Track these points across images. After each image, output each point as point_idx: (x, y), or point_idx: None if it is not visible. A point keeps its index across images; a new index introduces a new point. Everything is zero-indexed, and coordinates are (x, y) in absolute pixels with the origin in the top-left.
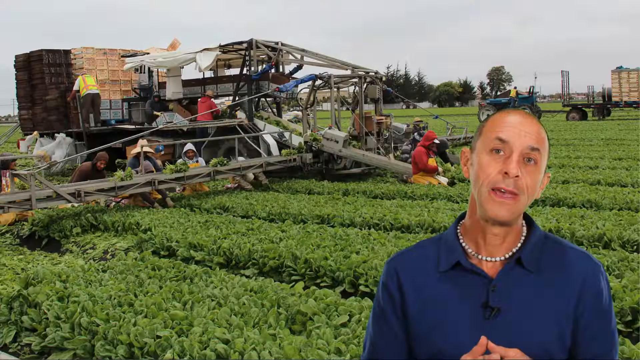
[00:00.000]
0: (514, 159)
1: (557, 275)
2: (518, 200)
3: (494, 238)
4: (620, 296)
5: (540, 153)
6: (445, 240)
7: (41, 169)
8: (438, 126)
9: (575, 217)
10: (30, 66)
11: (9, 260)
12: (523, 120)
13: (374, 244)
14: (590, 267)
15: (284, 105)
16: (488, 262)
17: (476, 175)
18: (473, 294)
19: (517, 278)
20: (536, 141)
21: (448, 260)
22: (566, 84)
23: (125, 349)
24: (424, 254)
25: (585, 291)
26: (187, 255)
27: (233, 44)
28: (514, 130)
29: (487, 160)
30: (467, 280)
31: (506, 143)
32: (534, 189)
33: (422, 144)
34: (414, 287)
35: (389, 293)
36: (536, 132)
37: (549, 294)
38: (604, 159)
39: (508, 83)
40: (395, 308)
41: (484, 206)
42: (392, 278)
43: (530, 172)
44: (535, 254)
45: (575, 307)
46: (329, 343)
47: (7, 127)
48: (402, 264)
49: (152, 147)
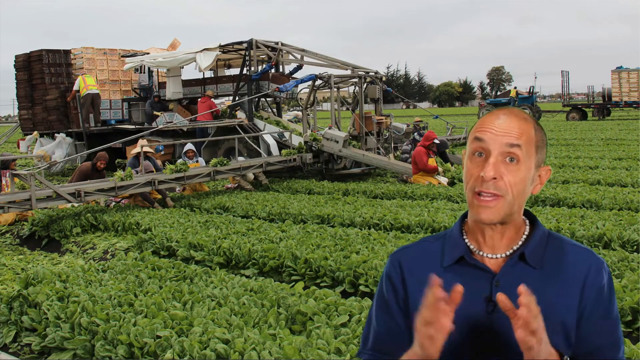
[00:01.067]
0: (491, 161)
1: (560, 271)
2: (502, 201)
3: (491, 234)
4: (620, 296)
5: (522, 149)
6: (449, 237)
7: (41, 169)
8: (438, 126)
9: (575, 217)
10: (30, 66)
11: (9, 260)
12: (502, 120)
13: (374, 244)
14: (594, 263)
15: (284, 105)
16: (490, 258)
17: (464, 179)
18: (476, 289)
19: (520, 274)
20: (516, 137)
21: (452, 255)
22: (566, 84)
23: (125, 349)
24: (427, 249)
25: (588, 286)
26: (187, 255)
27: (233, 44)
28: (493, 130)
29: (470, 164)
30: (471, 275)
31: (484, 143)
32: (520, 187)
33: (422, 144)
34: (417, 281)
35: (393, 285)
36: (516, 128)
37: (553, 289)
38: (604, 159)
39: (508, 83)
40: (398, 300)
41: (470, 210)
42: (396, 270)
43: (512, 170)
44: (539, 250)
45: (578, 302)
46: (329, 343)
47: (7, 127)
48: (406, 257)
49: (152, 147)
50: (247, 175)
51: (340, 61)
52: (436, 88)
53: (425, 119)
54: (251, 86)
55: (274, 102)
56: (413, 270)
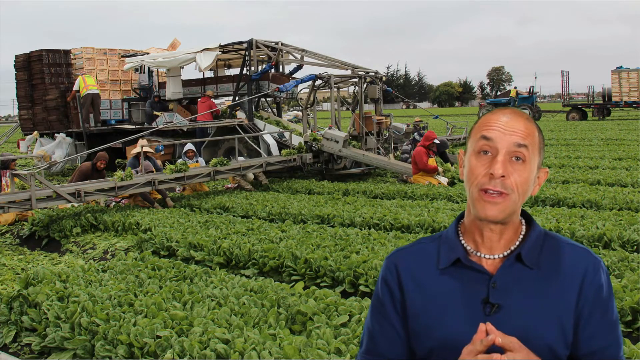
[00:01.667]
0: (499, 159)
1: (557, 271)
2: (508, 199)
3: (491, 234)
4: (620, 296)
5: (529, 149)
6: (445, 238)
7: (41, 169)
8: (438, 126)
9: (575, 217)
10: (30, 66)
11: (9, 260)
12: (509, 118)
13: (374, 244)
14: (591, 262)
15: (284, 105)
16: (488, 259)
17: (467, 177)
18: (473, 291)
19: (517, 274)
20: (523, 138)
21: (448, 257)
22: (566, 84)
23: (125, 349)
24: (423, 251)
25: (586, 286)
26: (187, 255)
27: (233, 44)
28: (500, 129)
29: (475, 162)
30: (467, 277)
31: (491, 141)
32: (524, 186)
33: (422, 144)
34: (414, 284)
35: (389, 288)
36: (523, 128)
37: (550, 289)
38: (604, 159)
39: (508, 83)
40: (394, 303)
41: (475, 206)
42: (392, 273)
43: (518, 170)
44: (536, 250)
45: (576, 302)
46: (329, 343)
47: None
48: (402, 260)
49: (152, 147)
50: (247, 175)
51: (340, 61)
52: (436, 88)
53: (425, 119)
54: (251, 86)
55: (274, 102)
56: (410, 272)
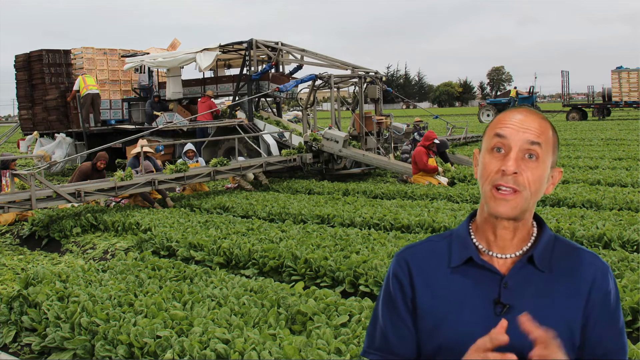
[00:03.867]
0: (512, 156)
1: (567, 275)
2: (520, 196)
3: (504, 232)
4: (620, 296)
5: (542, 147)
6: (456, 236)
7: (41, 169)
8: (438, 126)
9: (575, 217)
10: (30, 66)
11: (9, 260)
12: (523, 117)
13: (374, 244)
14: (600, 267)
15: (284, 105)
16: (499, 259)
17: (480, 174)
18: (484, 290)
19: (528, 276)
20: (536, 135)
21: (460, 255)
22: (566, 84)
23: (125, 349)
24: (433, 249)
25: (595, 291)
26: (187, 255)
27: (233, 44)
28: (513, 126)
29: (489, 159)
30: (479, 276)
31: (505, 139)
32: (537, 184)
33: (422, 144)
34: (425, 281)
35: (400, 284)
36: (537, 127)
37: (560, 293)
38: (604, 159)
39: (508, 83)
40: (405, 299)
41: (488, 203)
42: (403, 269)
43: (531, 167)
44: (547, 253)
45: (584, 306)
46: (329, 343)
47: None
48: (413, 257)
49: (152, 147)
50: (247, 175)
51: (340, 61)
52: (436, 88)
53: (425, 119)
54: (251, 86)
55: (274, 102)
56: (421, 270)
